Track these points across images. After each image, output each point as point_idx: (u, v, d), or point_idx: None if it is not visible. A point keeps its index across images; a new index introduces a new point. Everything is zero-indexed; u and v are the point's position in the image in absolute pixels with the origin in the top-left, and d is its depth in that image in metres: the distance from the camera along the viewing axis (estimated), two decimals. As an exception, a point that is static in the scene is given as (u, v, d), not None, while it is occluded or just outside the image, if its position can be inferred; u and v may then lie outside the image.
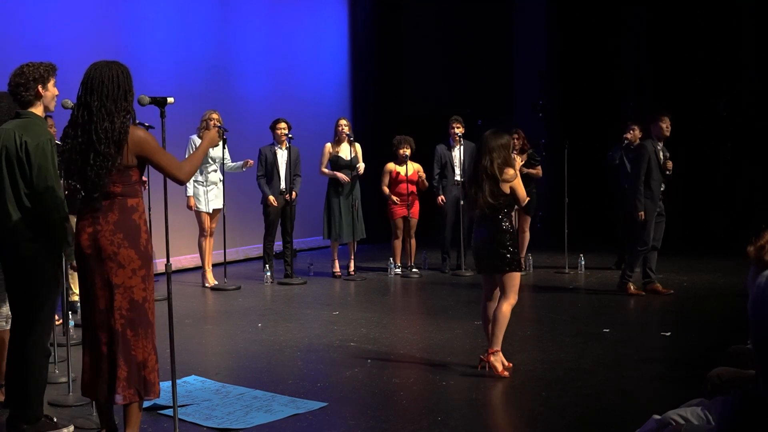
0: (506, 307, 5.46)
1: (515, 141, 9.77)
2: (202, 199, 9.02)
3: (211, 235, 9.17)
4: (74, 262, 4.24)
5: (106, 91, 3.79)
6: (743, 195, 12.22)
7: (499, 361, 5.42)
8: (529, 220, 9.95)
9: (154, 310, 3.98)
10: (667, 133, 8.22)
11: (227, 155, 9.20)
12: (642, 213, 8.09)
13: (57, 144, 4.60)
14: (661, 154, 8.22)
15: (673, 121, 8.27)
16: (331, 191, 9.78)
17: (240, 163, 9.27)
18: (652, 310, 7.80)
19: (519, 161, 5.81)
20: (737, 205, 12.18)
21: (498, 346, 5.45)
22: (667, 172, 8.25)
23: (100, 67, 3.85)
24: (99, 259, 3.82)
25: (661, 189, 8.21)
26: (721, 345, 4.44)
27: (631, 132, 9.62)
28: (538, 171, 9.75)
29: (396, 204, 9.87)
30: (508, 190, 5.42)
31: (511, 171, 5.42)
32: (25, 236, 4.14)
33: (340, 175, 9.65)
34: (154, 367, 3.92)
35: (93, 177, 3.76)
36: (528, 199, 5.80)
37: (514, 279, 5.48)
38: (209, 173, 9.03)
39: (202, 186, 9.02)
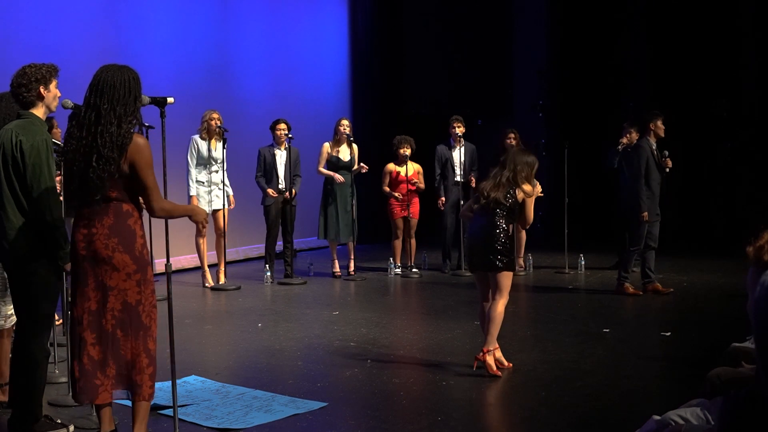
0: (501, 306, 5.47)
1: (510, 141, 9.78)
2: (203, 199, 9.01)
3: (220, 236, 9.15)
4: (68, 264, 4.24)
5: (117, 96, 3.77)
6: (743, 195, 12.23)
7: (493, 360, 5.43)
8: None
9: (151, 314, 3.90)
10: (663, 134, 8.22)
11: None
12: (645, 213, 8.08)
13: (57, 144, 4.59)
14: (657, 152, 8.21)
15: (671, 121, 8.28)
16: (328, 191, 9.78)
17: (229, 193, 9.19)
18: (652, 310, 7.80)
19: (539, 188, 5.90)
20: (737, 205, 12.18)
21: (493, 345, 5.45)
22: (667, 170, 8.26)
23: (111, 71, 3.82)
24: (94, 261, 3.80)
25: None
26: (721, 345, 4.44)
27: (628, 136, 9.39)
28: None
29: (398, 199, 9.88)
30: (521, 198, 5.50)
31: (530, 187, 5.55)
32: (24, 237, 4.13)
33: (337, 176, 9.65)
34: (144, 369, 3.84)
35: (95, 180, 3.73)
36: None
37: (508, 278, 5.50)
38: (211, 173, 9.03)
39: (204, 186, 9.01)
